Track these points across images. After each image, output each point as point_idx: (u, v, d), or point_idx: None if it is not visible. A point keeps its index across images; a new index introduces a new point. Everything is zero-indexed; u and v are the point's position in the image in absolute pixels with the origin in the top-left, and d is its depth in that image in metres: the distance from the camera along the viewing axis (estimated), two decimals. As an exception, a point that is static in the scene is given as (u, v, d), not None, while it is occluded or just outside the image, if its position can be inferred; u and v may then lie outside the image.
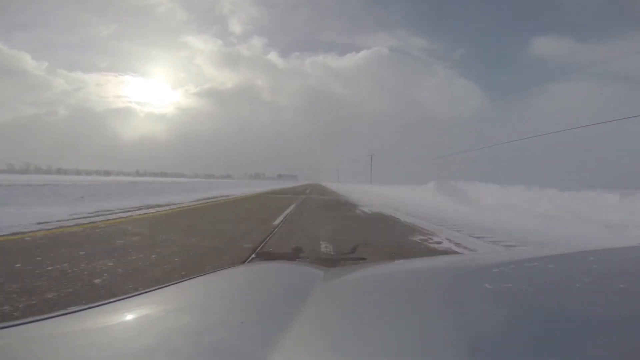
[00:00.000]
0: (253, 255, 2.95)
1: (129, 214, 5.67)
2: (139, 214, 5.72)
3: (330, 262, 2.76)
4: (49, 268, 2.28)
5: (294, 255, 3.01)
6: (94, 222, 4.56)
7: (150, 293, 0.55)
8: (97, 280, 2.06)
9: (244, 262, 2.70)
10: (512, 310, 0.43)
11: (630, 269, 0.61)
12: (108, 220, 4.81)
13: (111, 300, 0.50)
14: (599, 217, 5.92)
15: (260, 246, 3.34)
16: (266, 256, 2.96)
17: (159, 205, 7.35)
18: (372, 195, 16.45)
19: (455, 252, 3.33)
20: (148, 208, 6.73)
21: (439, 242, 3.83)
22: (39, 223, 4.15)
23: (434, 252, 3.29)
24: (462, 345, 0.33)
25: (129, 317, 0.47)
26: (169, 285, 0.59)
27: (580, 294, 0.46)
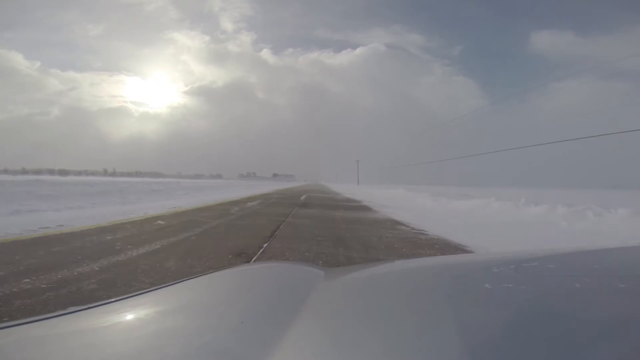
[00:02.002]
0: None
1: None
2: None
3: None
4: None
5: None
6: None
7: (150, 293, 0.55)
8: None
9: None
10: (512, 310, 0.42)
11: (630, 269, 0.61)
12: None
13: (111, 300, 0.50)
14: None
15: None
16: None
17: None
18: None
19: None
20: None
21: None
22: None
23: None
24: (462, 345, 0.33)
25: (129, 317, 0.47)
26: (169, 285, 0.58)
27: (580, 294, 0.46)
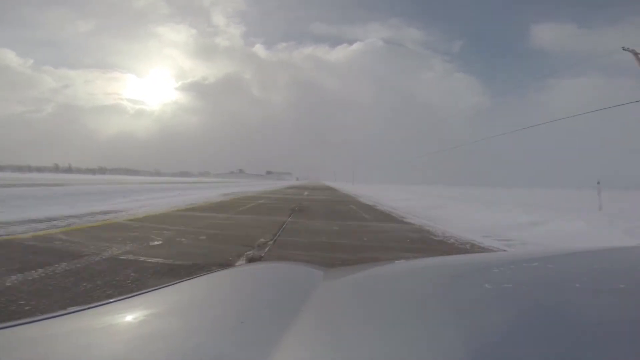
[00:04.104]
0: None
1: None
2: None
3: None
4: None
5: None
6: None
7: (150, 293, 0.55)
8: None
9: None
10: (512, 310, 0.42)
11: (630, 269, 0.60)
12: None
13: (111, 300, 0.50)
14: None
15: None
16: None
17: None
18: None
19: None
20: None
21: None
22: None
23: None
24: (462, 345, 0.33)
25: (129, 317, 0.47)
26: (169, 285, 0.58)
27: (580, 294, 0.46)
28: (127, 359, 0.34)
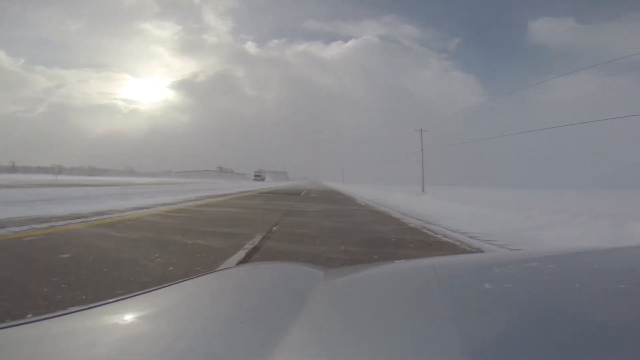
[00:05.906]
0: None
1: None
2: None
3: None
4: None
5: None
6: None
7: (150, 293, 0.55)
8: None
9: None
10: (512, 310, 0.42)
11: (630, 269, 0.60)
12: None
13: (111, 300, 0.50)
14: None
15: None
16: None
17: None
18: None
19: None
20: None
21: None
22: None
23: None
24: (462, 345, 0.32)
25: (129, 317, 0.47)
26: (169, 285, 0.58)
27: (580, 294, 0.46)
28: (126, 359, 0.33)
